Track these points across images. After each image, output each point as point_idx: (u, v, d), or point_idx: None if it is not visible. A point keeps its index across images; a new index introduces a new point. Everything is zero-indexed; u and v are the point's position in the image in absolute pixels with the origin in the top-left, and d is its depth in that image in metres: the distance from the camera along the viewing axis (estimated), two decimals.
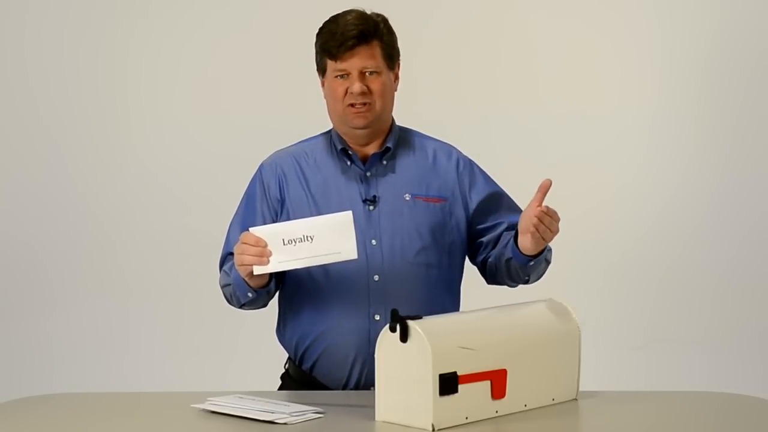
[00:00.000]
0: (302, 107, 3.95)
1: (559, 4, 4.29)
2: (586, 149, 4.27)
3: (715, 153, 4.25)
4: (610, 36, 4.28)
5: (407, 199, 2.56)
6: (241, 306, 2.55)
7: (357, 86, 2.48)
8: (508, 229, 2.63)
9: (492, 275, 2.67)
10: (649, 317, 4.29)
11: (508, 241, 2.56)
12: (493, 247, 2.63)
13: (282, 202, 2.58)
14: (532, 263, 2.52)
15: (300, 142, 2.67)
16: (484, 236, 2.64)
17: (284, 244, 2.33)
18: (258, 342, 3.24)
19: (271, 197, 2.59)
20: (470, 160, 2.67)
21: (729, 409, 2.36)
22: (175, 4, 4.42)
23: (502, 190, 2.69)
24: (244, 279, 2.43)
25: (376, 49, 2.50)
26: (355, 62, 2.48)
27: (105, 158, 4.43)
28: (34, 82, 4.46)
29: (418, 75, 4.11)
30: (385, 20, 2.54)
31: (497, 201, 2.65)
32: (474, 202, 2.62)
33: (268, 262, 2.33)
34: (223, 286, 2.59)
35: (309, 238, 2.32)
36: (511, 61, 4.32)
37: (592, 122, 4.28)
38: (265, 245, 2.33)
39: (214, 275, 2.67)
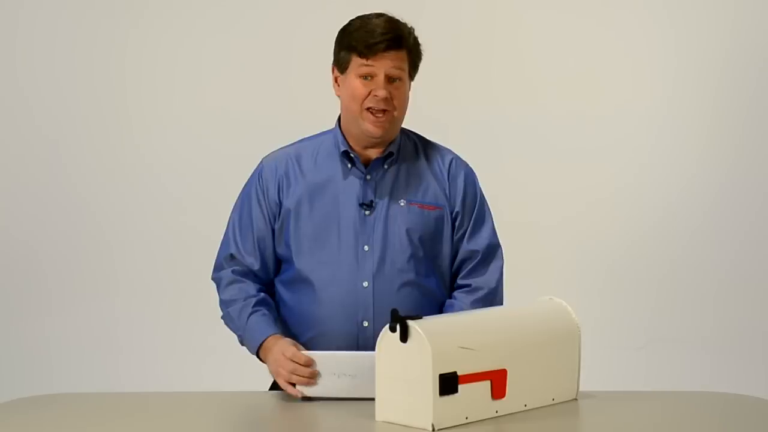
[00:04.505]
0: (300, 106, 3.96)
1: (563, 1, 4.29)
2: (588, 148, 4.27)
3: (718, 154, 4.25)
4: (619, 34, 4.27)
5: (402, 205, 2.54)
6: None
7: (382, 91, 2.45)
8: (458, 263, 2.61)
9: None
10: (649, 317, 4.29)
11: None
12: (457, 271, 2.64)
13: (280, 205, 2.56)
14: None
15: (301, 140, 2.64)
16: (456, 258, 2.63)
17: (330, 373, 2.35)
18: None
19: (269, 201, 2.57)
20: (465, 171, 2.62)
21: (729, 409, 2.37)
22: (174, 2, 4.41)
23: (484, 213, 2.63)
24: (257, 354, 2.49)
25: (404, 55, 2.48)
26: (384, 63, 2.45)
27: (102, 159, 4.43)
28: (29, 81, 4.45)
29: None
30: (413, 30, 2.53)
31: (474, 229, 2.61)
32: (453, 213, 2.59)
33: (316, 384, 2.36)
34: (226, 320, 2.59)
35: (354, 376, 2.34)
36: (513, 59, 4.32)
37: (595, 121, 4.28)
38: (315, 371, 2.35)
39: None
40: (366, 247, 2.50)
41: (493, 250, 2.60)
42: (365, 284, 2.49)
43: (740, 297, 4.24)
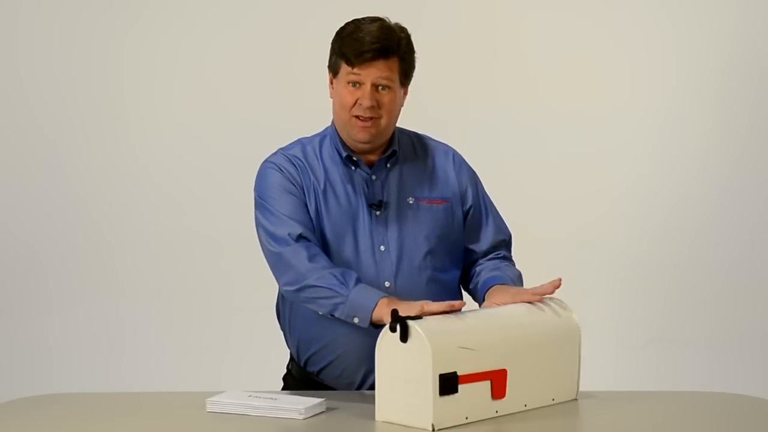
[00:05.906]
0: (299, 106, 3.95)
1: (565, 1, 4.28)
2: (589, 149, 4.26)
3: (720, 155, 4.23)
4: (621, 35, 4.24)
5: (411, 202, 2.54)
6: (325, 314, 2.42)
7: (367, 101, 2.44)
8: (484, 254, 2.63)
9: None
10: (650, 317, 4.29)
11: (480, 281, 2.57)
12: (469, 268, 2.64)
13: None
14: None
15: (299, 141, 2.60)
16: (480, 246, 2.65)
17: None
18: (258, 342, 3.24)
19: (296, 182, 2.49)
20: (465, 162, 2.66)
21: (729, 409, 2.37)
22: (173, 2, 4.40)
23: (488, 201, 2.67)
24: (370, 318, 2.32)
25: (394, 64, 2.46)
26: (371, 73, 2.44)
27: (102, 159, 4.42)
28: (29, 81, 4.43)
29: (418, 73, 4.11)
30: (408, 37, 2.50)
31: (480, 218, 2.64)
32: (465, 206, 2.61)
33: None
34: (318, 282, 2.38)
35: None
36: (515, 59, 4.31)
37: (597, 122, 4.26)
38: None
39: (215, 276, 2.66)
40: (382, 247, 2.50)
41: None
42: (387, 284, 2.47)
43: (741, 297, 4.24)
